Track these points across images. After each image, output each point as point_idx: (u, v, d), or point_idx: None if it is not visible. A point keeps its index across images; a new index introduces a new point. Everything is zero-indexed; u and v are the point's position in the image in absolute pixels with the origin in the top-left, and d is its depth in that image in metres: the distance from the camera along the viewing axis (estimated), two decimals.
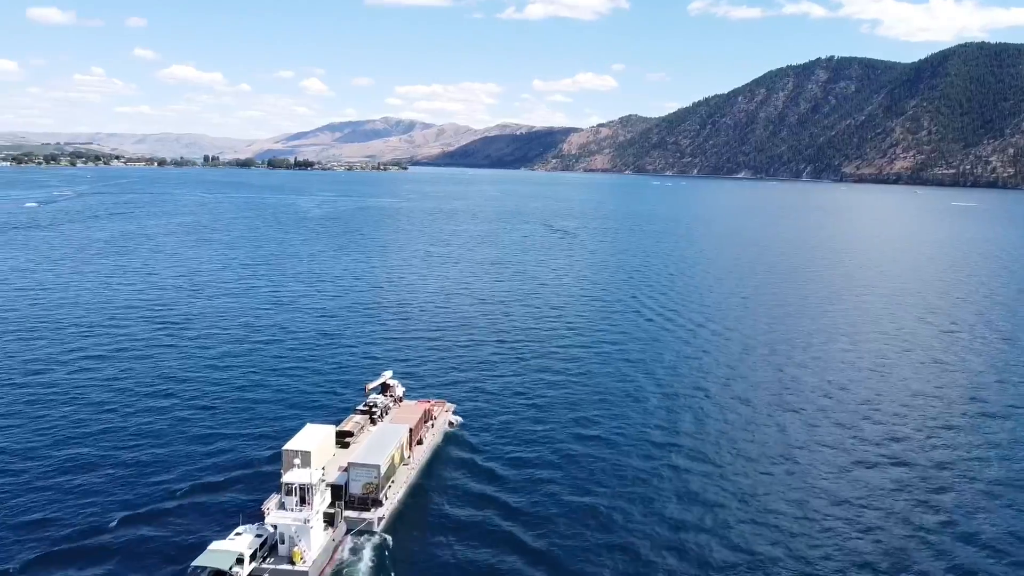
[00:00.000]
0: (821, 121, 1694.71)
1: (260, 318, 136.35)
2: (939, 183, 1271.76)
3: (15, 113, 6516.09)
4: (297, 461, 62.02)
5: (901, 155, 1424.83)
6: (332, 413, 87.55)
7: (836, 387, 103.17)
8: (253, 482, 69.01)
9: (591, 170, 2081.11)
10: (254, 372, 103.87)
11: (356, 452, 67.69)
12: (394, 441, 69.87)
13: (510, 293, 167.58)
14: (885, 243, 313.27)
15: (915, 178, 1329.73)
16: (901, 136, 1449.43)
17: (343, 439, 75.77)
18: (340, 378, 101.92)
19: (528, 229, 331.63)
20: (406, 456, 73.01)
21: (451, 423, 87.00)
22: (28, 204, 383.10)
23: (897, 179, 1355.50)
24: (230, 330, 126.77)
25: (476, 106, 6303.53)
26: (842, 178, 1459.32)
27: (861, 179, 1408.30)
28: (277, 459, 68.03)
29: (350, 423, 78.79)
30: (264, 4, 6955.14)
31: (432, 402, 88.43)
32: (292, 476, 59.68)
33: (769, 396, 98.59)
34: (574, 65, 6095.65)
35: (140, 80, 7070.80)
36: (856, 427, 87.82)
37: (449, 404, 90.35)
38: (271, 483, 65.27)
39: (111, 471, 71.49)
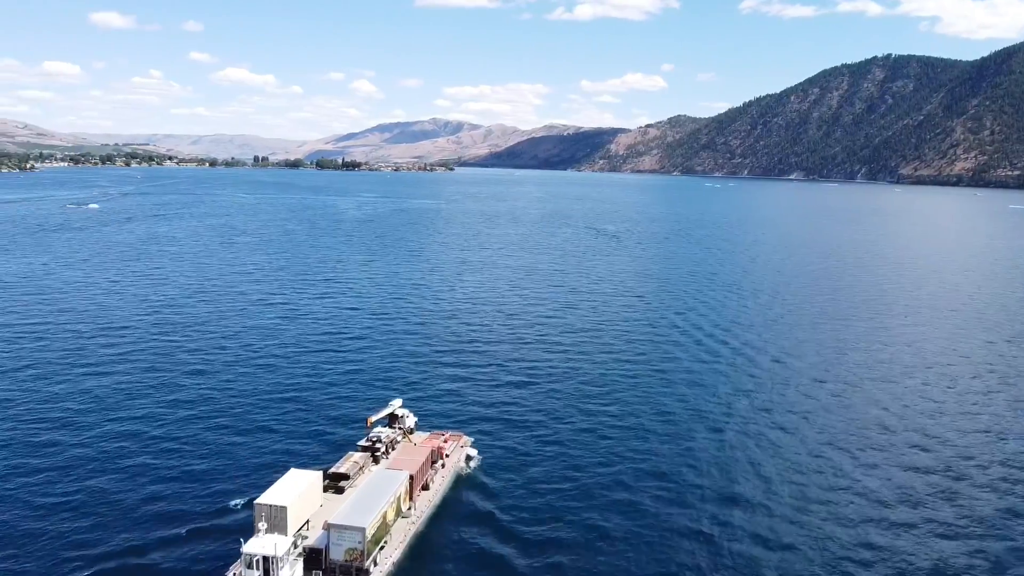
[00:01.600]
0: (877, 121, 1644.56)
1: (264, 333, 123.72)
2: (1003, 185, 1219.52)
3: (77, 115, 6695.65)
4: (262, 525, 51.10)
5: (962, 156, 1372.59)
6: (332, 445, 76.68)
7: (917, 430, 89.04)
8: (220, 539, 57.89)
9: (639, 171, 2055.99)
10: (244, 398, 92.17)
11: (339, 509, 56.40)
12: (389, 492, 58.48)
13: (545, 308, 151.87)
14: (958, 252, 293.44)
15: (977, 180, 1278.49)
16: (962, 136, 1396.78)
17: (337, 483, 64.95)
18: (345, 406, 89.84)
19: (570, 233, 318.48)
20: (405, 508, 61.66)
21: (467, 461, 75.53)
22: (69, 205, 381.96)
23: (958, 181, 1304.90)
24: (226, 346, 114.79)
25: (524, 107, 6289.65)
26: (899, 180, 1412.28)
27: (919, 181, 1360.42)
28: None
29: (348, 463, 67.71)
30: (316, 7, 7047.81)
31: (446, 435, 77.04)
32: (254, 545, 48.80)
33: (844, 443, 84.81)
34: (623, 65, 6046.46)
35: (196, 82, 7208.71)
36: (947, 486, 73.92)
37: (466, 438, 78.58)
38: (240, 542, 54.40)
39: (38, 522, 60.33)
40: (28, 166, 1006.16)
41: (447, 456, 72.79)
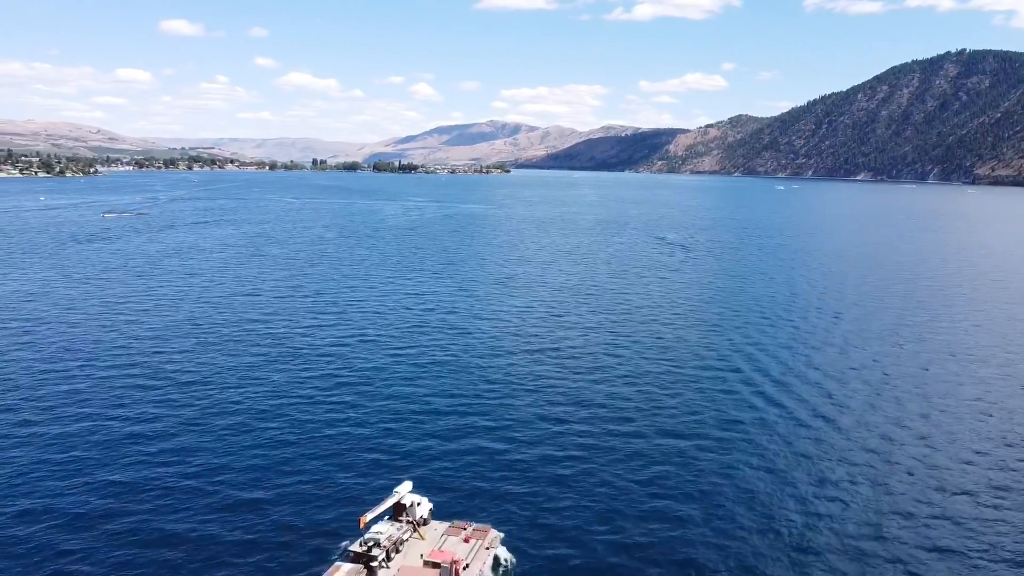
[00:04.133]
0: (950, 119, 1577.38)
1: (246, 379, 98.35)
2: None
3: (148, 120, 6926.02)
4: None
5: None
6: (312, 551, 58.45)
7: None
8: None
9: (698, 172, 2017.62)
10: (196, 468, 71.17)
11: None
12: None
13: (598, 345, 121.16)
14: None
15: None
16: None
17: None
18: (337, 487, 69.20)
19: (626, 242, 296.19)
20: None
21: (495, 566, 56.74)
22: (108, 214, 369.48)
23: None
24: (193, 395, 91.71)
25: (581, 108, 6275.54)
26: (974, 180, 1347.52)
27: (997, 181, 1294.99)
28: None
29: None
30: (377, 11, 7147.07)
31: (468, 530, 58.67)
32: None
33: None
34: (682, 65, 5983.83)
35: (261, 87, 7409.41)
36: None
37: (494, 532, 59.57)
38: None
39: None
40: (92, 171, 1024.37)
41: (466, 568, 54.15)
